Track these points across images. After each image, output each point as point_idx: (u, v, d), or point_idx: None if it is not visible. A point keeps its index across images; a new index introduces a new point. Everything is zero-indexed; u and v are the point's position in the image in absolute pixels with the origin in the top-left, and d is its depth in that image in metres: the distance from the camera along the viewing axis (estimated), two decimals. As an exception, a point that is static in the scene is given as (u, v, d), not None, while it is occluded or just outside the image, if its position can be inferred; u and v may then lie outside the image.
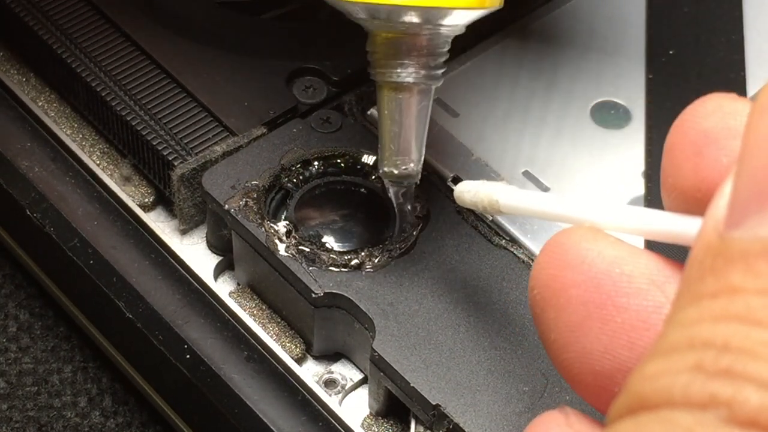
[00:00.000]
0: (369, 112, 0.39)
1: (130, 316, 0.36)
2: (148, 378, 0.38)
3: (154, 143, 0.37)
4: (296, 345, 0.35)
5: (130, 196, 0.39)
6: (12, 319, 0.41)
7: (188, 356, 0.35)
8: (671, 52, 0.41)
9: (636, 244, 0.22)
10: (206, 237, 0.38)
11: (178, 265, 0.37)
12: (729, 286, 0.17)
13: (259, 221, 0.35)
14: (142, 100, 0.38)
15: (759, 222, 0.17)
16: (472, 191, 0.31)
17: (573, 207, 0.24)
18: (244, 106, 0.38)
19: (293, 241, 0.35)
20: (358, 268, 0.34)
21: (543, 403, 0.32)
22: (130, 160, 0.39)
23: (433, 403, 0.32)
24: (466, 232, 0.36)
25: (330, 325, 0.35)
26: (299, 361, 0.35)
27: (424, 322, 0.33)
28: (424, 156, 0.34)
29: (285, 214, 0.36)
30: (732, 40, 0.42)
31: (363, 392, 0.35)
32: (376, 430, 0.34)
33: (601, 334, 0.21)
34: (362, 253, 0.34)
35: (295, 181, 0.37)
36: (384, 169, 0.34)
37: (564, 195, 0.37)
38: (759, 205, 0.18)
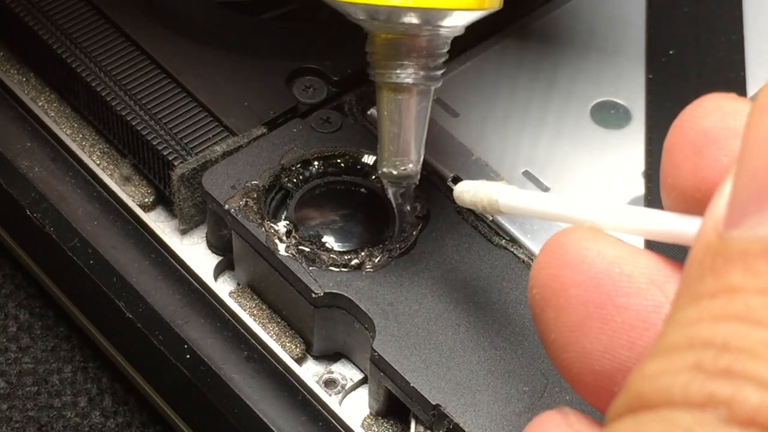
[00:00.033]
0: (369, 112, 0.39)
1: (130, 316, 0.36)
2: (148, 378, 0.38)
3: (154, 143, 0.37)
4: (296, 345, 0.35)
5: (130, 196, 0.39)
6: (12, 319, 0.41)
7: (188, 356, 0.35)
8: (671, 52, 0.41)
9: (636, 244, 0.22)
10: (206, 237, 0.38)
11: (178, 265, 0.37)
12: (728, 285, 0.17)
13: (259, 221, 0.35)
14: (142, 100, 0.38)
15: (758, 222, 0.18)
16: (471, 191, 0.31)
17: (573, 207, 0.24)
18: (244, 106, 0.38)
19: (293, 241, 0.35)
20: (358, 268, 0.34)
21: (543, 403, 0.32)
22: (130, 160, 0.39)
23: (433, 403, 0.32)
24: (466, 232, 0.36)
25: (330, 325, 0.35)
26: (299, 361, 0.35)
27: (424, 322, 0.33)
28: (423, 156, 0.34)
29: (285, 214, 0.36)
30: (732, 40, 0.42)
31: (363, 392, 0.35)
32: (376, 430, 0.34)
33: (601, 333, 0.21)
34: (362, 253, 0.34)
35: (295, 181, 0.37)
36: (383, 170, 0.34)
37: (564, 195, 0.37)
38: (758, 205, 0.18)
